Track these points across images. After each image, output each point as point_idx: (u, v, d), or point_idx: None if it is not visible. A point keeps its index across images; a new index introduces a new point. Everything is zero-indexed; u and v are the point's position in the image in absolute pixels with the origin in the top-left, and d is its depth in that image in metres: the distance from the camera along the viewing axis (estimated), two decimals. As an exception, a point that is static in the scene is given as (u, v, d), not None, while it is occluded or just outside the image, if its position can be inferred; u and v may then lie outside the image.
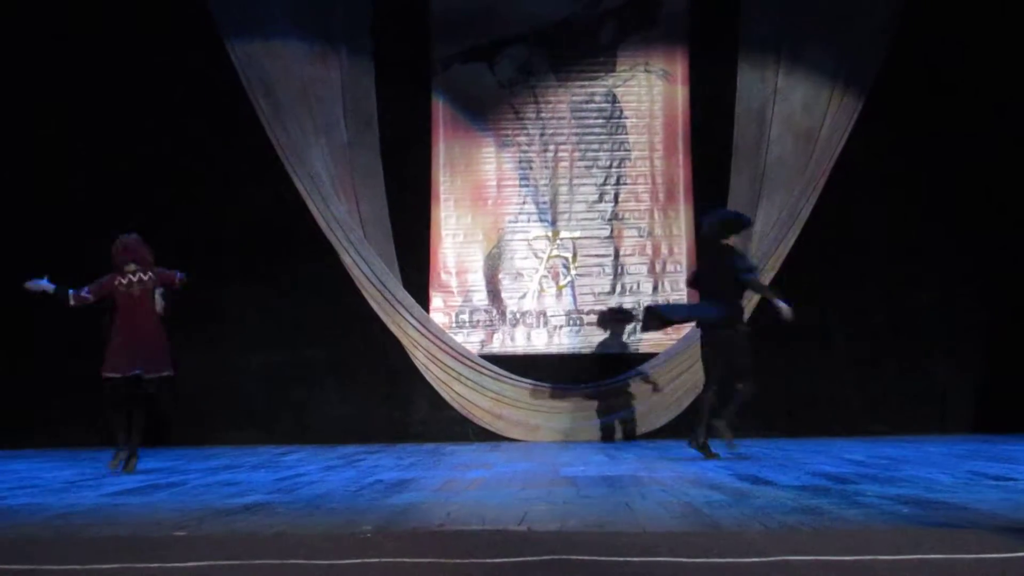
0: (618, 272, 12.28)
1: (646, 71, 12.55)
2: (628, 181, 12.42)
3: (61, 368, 11.84)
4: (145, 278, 8.42)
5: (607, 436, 11.71)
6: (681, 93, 12.50)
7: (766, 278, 11.73)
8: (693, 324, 10.86)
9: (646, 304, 11.53)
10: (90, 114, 12.11)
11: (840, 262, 11.96)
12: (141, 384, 8.31)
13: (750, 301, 10.39)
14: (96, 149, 12.10)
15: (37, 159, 12.12)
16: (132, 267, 8.36)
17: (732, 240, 8.80)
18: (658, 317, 9.55)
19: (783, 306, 8.40)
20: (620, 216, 12.36)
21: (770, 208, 11.93)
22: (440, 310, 12.21)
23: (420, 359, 11.89)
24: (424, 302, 12.11)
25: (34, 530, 4.45)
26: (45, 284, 8.42)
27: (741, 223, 9.05)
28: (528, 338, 12.22)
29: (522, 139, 12.51)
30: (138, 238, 8.52)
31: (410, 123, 12.37)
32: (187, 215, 12.05)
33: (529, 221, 12.27)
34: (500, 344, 12.22)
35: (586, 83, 12.55)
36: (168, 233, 11.95)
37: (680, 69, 12.52)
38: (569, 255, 12.33)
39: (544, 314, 12.26)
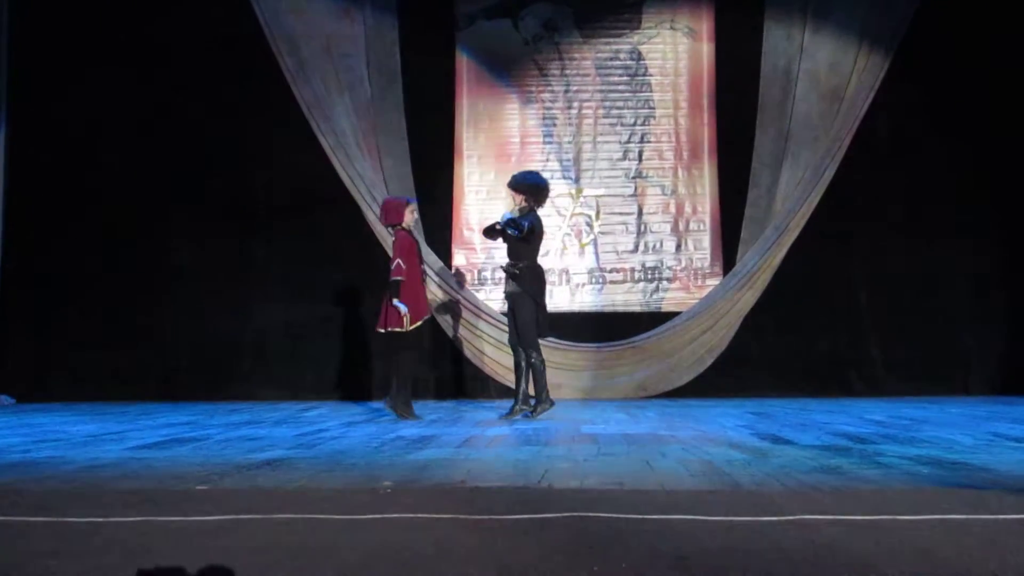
0: (641, 230, 12.25)
1: (671, 28, 12.48)
2: (652, 139, 12.37)
3: (86, 323, 11.93)
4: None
5: (628, 394, 11.72)
6: (706, 50, 12.43)
7: (790, 236, 11.73)
8: (716, 283, 10.87)
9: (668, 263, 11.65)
10: (114, 73, 12.13)
11: (864, 221, 11.90)
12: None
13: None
14: (121, 109, 12.13)
15: (67, 123, 12.16)
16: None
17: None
18: None
19: None
20: (644, 174, 12.32)
21: (795, 167, 11.88)
22: (463, 267, 12.21)
23: (442, 316, 11.91)
24: (447, 259, 12.11)
25: (58, 483, 4.49)
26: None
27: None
28: (550, 296, 12.18)
29: (546, 96, 12.46)
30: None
31: (434, 79, 12.33)
32: (212, 173, 12.07)
33: (552, 178, 12.15)
34: (522, 302, 12.20)
35: (611, 40, 12.48)
36: (193, 191, 12.03)
37: (705, 26, 12.44)
38: (592, 213, 12.30)
39: (567, 272, 12.24)
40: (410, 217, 8.56)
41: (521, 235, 8.50)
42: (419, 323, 8.46)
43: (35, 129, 12.13)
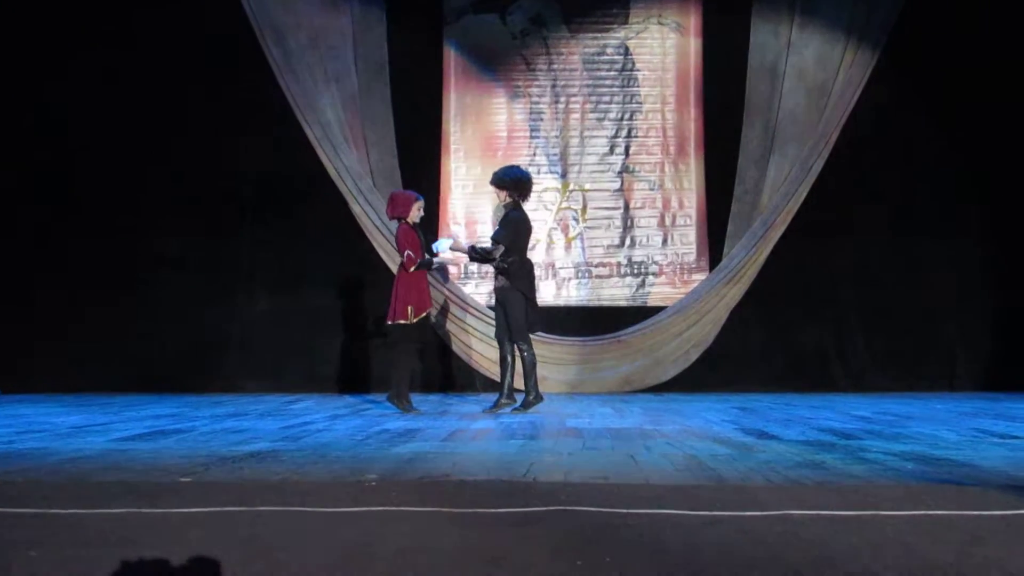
0: (628, 225, 12.25)
1: (659, 23, 12.48)
2: (639, 134, 12.38)
3: (71, 314, 11.88)
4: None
5: (614, 388, 11.74)
6: (694, 45, 12.44)
7: (777, 232, 11.76)
8: (702, 278, 10.88)
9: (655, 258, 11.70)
10: (98, 65, 12.08)
11: (851, 217, 11.93)
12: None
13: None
14: (105, 98, 12.07)
15: (53, 114, 12.11)
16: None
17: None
18: None
19: None
20: (631, 169, 12.32)
21: (782, 162, 11.90)
22: (449, 260, 12.20)
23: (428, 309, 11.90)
24: (432, 252, 12.08)
25: (42, 474, 4.46)
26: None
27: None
28: (537, 290, 12.18)
29: (533, 90, 12.46)
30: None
31: (421, 73, 12.32)
32: (198, 163, 12.03)
33: (539, 173, 12.18)
34: (508, 295, 12.20)
35: (599, 35, 12.48)
36: (178, 180, 11.99)
37: (693, 21, 12.46)
38: (579, 207, 12.30)
39: (553, 266, 12.24)
40: (416, 213, 8.78)
41: (489, 256, 8.79)
42: (423, 315, 8.64)
43: (20, 120, 12.07)
